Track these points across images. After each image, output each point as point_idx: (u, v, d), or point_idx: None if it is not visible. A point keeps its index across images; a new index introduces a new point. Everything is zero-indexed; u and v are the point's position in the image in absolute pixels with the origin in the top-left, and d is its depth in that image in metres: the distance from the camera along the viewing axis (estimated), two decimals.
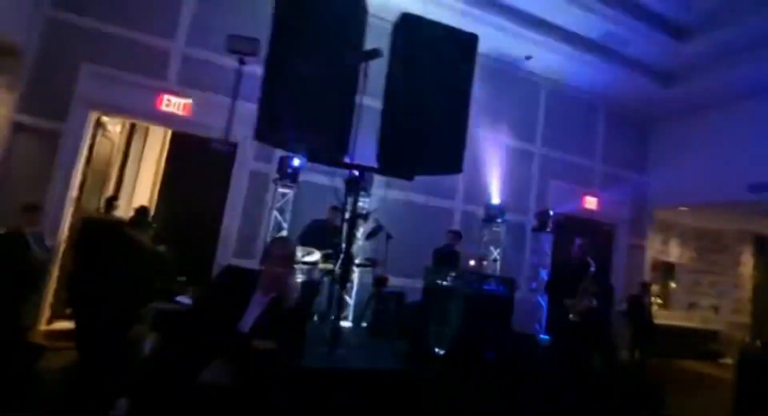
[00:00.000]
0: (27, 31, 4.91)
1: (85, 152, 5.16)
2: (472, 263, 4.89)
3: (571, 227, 7.40)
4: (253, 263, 5.30)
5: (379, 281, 4.53)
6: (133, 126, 6.09)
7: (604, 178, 8.24)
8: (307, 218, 5.31)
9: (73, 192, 5.07)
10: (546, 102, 7.81)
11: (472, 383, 4.10)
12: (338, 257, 4.41)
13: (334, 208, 5.02)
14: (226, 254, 5.51)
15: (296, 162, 5.45)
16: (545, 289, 4.18)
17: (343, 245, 4.52)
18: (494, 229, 6.88)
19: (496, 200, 7.04)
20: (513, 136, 7.47)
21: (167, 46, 5.53)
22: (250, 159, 5.77)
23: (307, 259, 4.44)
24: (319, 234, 4.78)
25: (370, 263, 5.18)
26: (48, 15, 5.06)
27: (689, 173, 7.86)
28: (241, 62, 4.84)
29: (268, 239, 5.26)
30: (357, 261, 5.22)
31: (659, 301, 9.07)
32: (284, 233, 5.41)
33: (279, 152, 5.57)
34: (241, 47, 4.66)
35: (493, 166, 7.27)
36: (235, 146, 5.73)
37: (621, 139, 8.36)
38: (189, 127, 5.59)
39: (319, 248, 4.59)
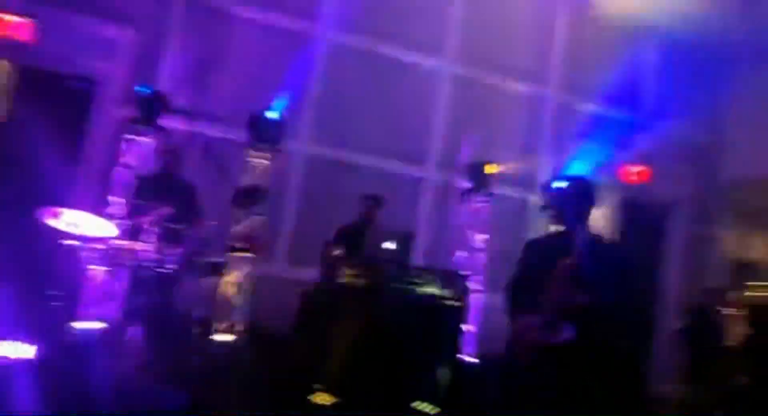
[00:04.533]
0: None
1: None
2: (388, 245, 2.93)
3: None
4: None
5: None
6: None
7: (655, 138, 5.77)
8: None
9: None
10: (569, 26, 5.50)
11: None
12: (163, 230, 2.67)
13: (169, 149, 3.29)
14: None
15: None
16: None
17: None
18: (477, 204, 4.80)
19: (489, 166, 4.88)
20: (517, 75, 5.30)
21: None
22: (113, 102, 4.19)
23: (82, 230, 2.73)
24: (143, 197, 3.07)
25: (248, 246, 3.41)
26: None
27: None
28: None
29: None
30: (235, 244, 3.45)
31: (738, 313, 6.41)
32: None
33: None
34: None
35: (482, 118, 5.17)
36: (92, 82, 4.19)
37: (681, 81, 5.80)
38: (32, 58, 4.11)
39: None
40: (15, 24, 3.96)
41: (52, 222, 2.77)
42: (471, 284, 4.48)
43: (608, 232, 5.73)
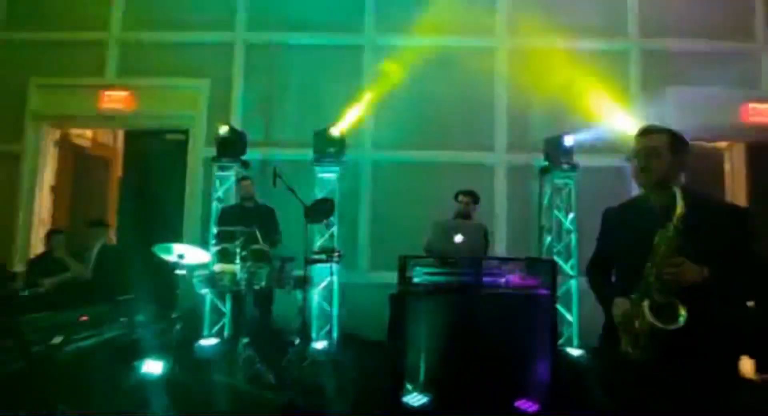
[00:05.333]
0: None
1: (47, 171, 4.88)
2: (458, 239, 2.78)
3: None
4: None
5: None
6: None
7: None
8: None
9: (42, 215, 4.83)
10: None
11: None
12: (250, 251, 2.96)
13: (243, 179, 3.59)
14: None
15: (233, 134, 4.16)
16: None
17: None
18: (559, 182, 4.38)
19: (567, 137, 4.40)
20: (582, 33, 4.76)
21: (103, 37, 4.91)
22: (201, 145, 4.74)
23: (187, 260, 3.10)
24: (229, 225, 3.40)
25: (327, 255, 3.56)
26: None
27: None
28: None
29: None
30: (314, 256, 3.64)
31: None
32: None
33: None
34: None
35: (552, 91, 4.71)
36: (186, 132, 4.82)
37: None
38: (136, 122, 4.89)
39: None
40: (119, 97, 4.76)
41: (165, 255, 3.23)
42: (563, 270, 4.11)
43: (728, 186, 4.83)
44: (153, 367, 2.96)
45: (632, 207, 1.79)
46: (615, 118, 4.52)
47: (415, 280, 2.83)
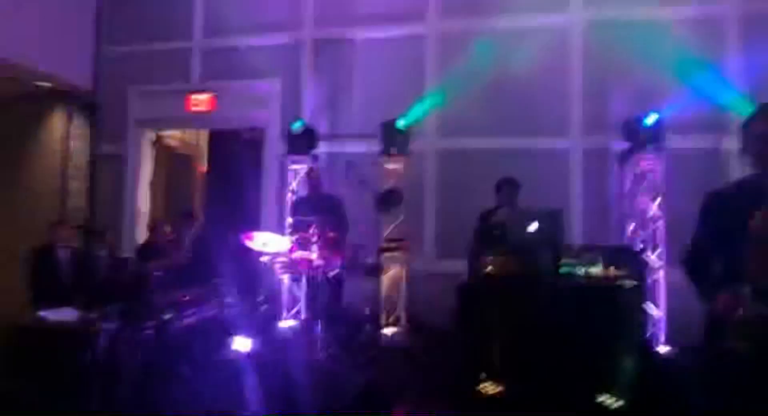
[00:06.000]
0: (93, 74, 5.55)
1: (146, 170, 5.50)
2: (533, 227, 2.67)
3: None
4: None
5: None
6: None
7: None
8: None
9: (142, 207, 5.46)
10: None
11: None
12: (323, 239, 3.14)
13: (311, 172, 3.74)
14: None
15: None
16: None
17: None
18: (643, 166, 4.04)
19: (650, 119, 4.03)
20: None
21: (187, 45, 5.38)
22: (275, 141, 5.04)
23: (270, 248, 3.32)
24: (300, 215, 3.59)
25: (396, 243, 3.64)
26: (103, 52, 5.60)
27: None
28: None
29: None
30: (386, 245, 3.74)
31: None
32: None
33: None
34: None
35: (632, 67, 4.31)
36: (261, 132, 5.15)
37: None
38: (218, 122, 5.31)
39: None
40: (202, 100, 5.21)
41: (249, 244, 3.52)
42: (650, 261, 3.82)
43: None
44: (242, 344, 3.27)
45: (740, 189, 1.64)
46: (708, 93, 4.04)
47: (490, 270, 2.80)
